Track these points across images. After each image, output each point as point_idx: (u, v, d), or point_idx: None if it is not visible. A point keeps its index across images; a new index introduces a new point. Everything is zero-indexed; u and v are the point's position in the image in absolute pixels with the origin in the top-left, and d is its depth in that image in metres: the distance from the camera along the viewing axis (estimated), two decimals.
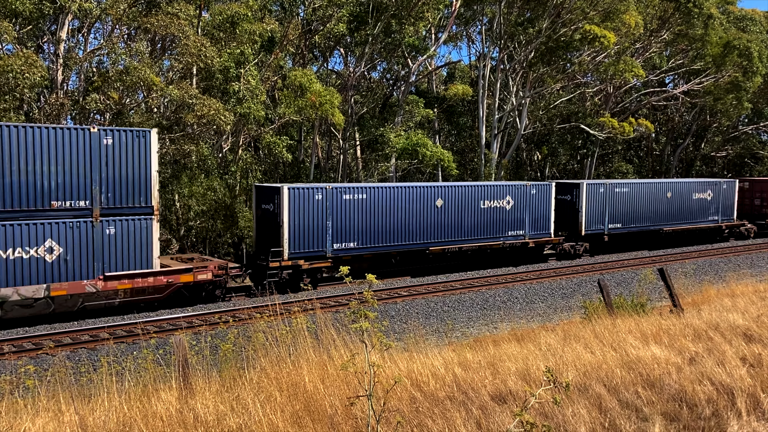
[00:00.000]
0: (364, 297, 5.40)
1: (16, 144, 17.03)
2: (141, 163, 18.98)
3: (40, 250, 17.41)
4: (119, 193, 18.74)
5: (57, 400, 6.45)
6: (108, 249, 18.51)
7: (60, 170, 17.69)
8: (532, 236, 29.13)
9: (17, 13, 24.92)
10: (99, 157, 18.29)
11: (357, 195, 24.11)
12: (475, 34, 44.13)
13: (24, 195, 17.24)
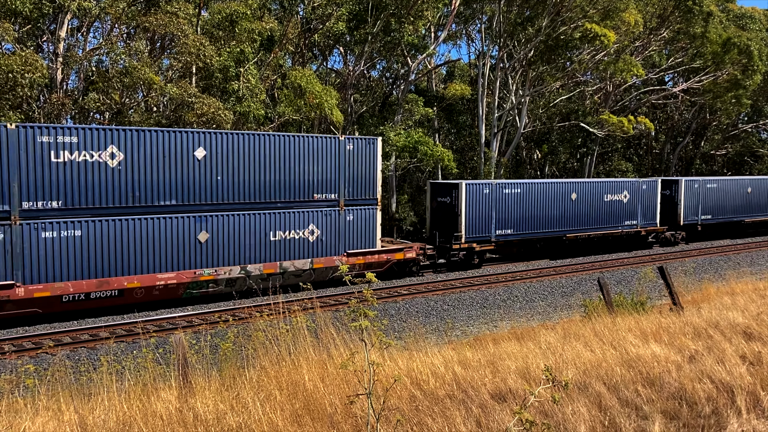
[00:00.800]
0: (364, 295, 5.40)
1: (291, 150, 21.87)
2: (370, 164, 23.82)
3: (305, 232, 22.38)
4: (356, 187, 23.53)
5: (57, 399, 6.45)
6: (348, 232, 23.47)
7: (319, 170, 22.54)
8: (642, 225, 33.71)
9: (17, 13, 24.91)
10: (344, 159, 23.12)
11: (514, 189, 28.74)
12: (475, 32, 44.14)
13: (296, 190, 22.09)
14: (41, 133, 17.43)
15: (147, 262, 19.24)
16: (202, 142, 20.06)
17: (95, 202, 18.37)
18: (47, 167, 17.55)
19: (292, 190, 21.93)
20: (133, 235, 18.98)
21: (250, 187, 21.07)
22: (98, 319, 18.57)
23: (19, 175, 17.23)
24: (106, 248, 18.57)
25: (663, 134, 54.66)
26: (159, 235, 19.44)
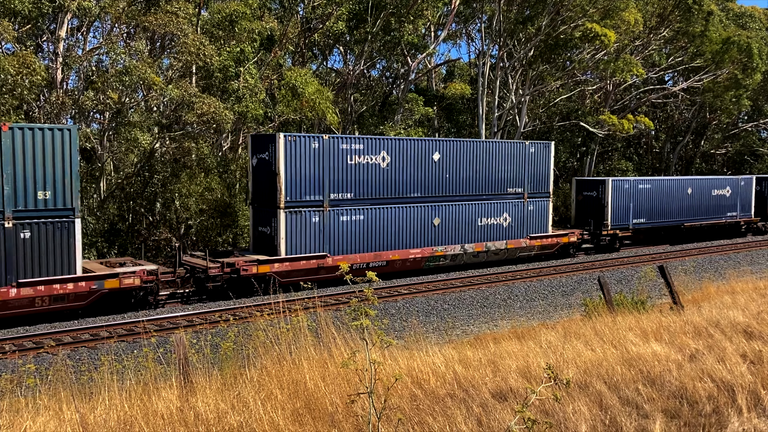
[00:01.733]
0: (365, 295, 5.40)
1: (493, 153, 27.53)
2: (545, 164, 29.45)
3: (501, 219, 28.04)
4: (533, 183, 29.03)
5: (58, 398, 6.46)
6: (529, 219, 28.98)
7: (511, 169, 28.12)
8: (740, 216, 39.43)
9: (16, 12, 24.89)
10: (527, 160, 28.73)
11: (646, 185, 34.27)
12: (475, 31, 44.11)
13: (496, 185, 27.77)
14: (342, 142, 23.31)
15: (402, 240, 25.00)
16: (437, 148, 25.82)
17: (372, 194, 24.08)
18: (345, 168, 23.22)
19: (493, 185, 27.67)
20: (395, 220, 24.74)
21: (466, 183, 26.75)
22: (98, 318, 18.57)
23: (329, 174, 22.89)
24: (379, 229, 24.33)
25: (663, 133, 54.64)
26: (409, 220, 25.15)
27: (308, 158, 22.39)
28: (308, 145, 22.37)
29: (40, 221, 17.44)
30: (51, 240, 17.61)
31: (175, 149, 28.05)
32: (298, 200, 22.32)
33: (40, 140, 17.31)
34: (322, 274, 22.73)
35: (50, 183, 17.45)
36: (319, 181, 22.60)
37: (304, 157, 22.34)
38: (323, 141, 22.63)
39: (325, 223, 22.88)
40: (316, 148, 22.45)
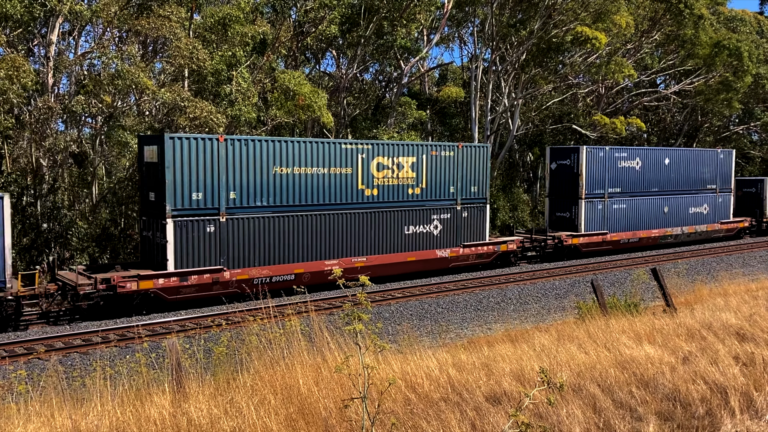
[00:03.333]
0: (358, 299, 5.39)
1: (689, 158, 35.69)
2: (729, 167, 38.34)
3: (702, 208, 36.02)
4: (721, 181, 37.45)
5: (50, 404, 6.41)
6: (721, 208, 37.67)
7: (707, 170, 36.67)
8: None
9: (7, 16, 24.79)
10: (717, 164, 37.21)
11: None
12: (467, 35, 44.22)
13: (699, 183, 35.98)
14: (615, 152, 32.49)
15: (641, 223, 33.37)
16: (668, 155, 34.80)
17: (629, 189, 32.84)
18: (616, 170, 32.30)
19: (698, 183, 35.85)
20: (647, 208, 33.50)
21: (683, 181, 35.17)
22: (90, 323, 18.48)
23: (608, 174, 32.04)
24: (636, 215, 33.13)
25: (655, 136, 54.87)
26: (648, 209, 33.58)
27: (597, 163, 31.60)
28: (598, 153, 31.81)
29: (471, 206, 26.93)
30: (475, 218, 27.09)
31: None
32: (593, 194, 31.60)
33: (472, 153, 27.13)
34: None
35: (476, 181, 27.08)
36: (602, 179, 31.82)
37: (596, 162, 31.48)
38: (606, 151, 32.15)
39: (606, 210, 32.01)
40: (601, 156, 31.82)
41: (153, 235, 20.34)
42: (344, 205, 23.13)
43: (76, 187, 29.44)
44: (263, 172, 21.20)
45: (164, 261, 19.61)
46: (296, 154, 21.97)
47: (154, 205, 20.28)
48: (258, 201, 21.12)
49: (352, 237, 23.39)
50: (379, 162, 24.05)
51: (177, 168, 19.61)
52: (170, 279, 19.40)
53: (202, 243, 20.12)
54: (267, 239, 21.36)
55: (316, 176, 22.41)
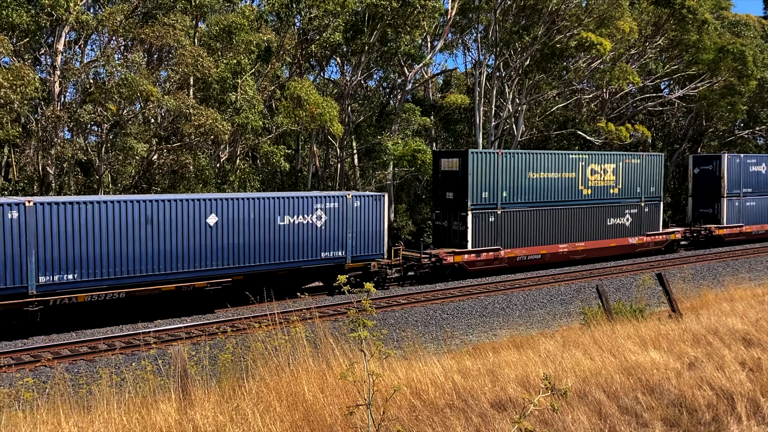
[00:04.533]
0: (363, 305, 5.41)
1: None
2: None
3: None
4: None
5: (56, 412, 6.44)
6: None
7: None
8: None
9: (14, 26, 24.97)
10: None
11: None
12: (471, 41, 44.28)
13: None
14: (747, 159, 38.05)
15: None
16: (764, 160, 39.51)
17: (759, 190, 38.51)
18: (748, 174, 37.76)
19: None
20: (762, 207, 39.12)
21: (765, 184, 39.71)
22: (96, 330, 18.52)
23: (738, 177, 37.55)
24: (764, 211, 38.94)
25: (660, 141, 54.77)
26: None
27: (734, 168, 36.47)
28: (735, 160, 36.83)
29: (650, 203, 33.03)
30: (653, 213, 33.36)
31: (173, 161, 28.07)
32: (732, 193, 37.28)
33: (651, 161, 33.17)
34: None
35: (654, 183, 33.10)
36: (738, 181, 37.15)
37: (733, 167, 36.74)
38: (740, 158, 37.18)
39: (741, 206, 37.78)
40: (737, 163, 36.83)
41: (449, 224, 27.57)
42: (569, 202, 30.00)
43: (81, 195, 29.56)
44: (522, 177, 28.26)
45: (463, 243, 26.89)
46: (541, 163, 28.92)
47: (452, 201, 27.56)
48: (519, 198, 28.29)
49: (574, 227, 30.18)
50: (592, 168, 30.77)
51: (474, 174, 26.84)
52: (471, 255, 26.75)
53: (486, 229, 27.46)
54: (524, 227, 28.51)
55: (552, 179, 29.25)
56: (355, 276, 23.32)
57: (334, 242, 23.05)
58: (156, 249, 19.22)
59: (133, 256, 18.84)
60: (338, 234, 23.11)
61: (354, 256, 23.50)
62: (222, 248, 20.54)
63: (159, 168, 29.17)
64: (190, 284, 19.76)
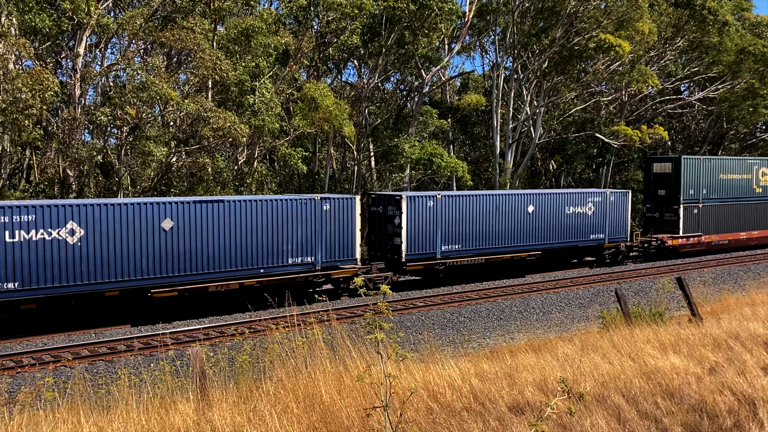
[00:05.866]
0: (379, 308, 5.41)
1: None
2: None
3: None
4: None
5: (76, 411, 6.50)
6: None
7: None
8: None
9: (36, 30, 25.31)
10: None
11: None
12: (489, 44, 44.20)
13: None
14: None
15: None
16: None
17: None
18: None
19: None
20: None
21: None
22: (116, 331, 18.69)
23: None
24: None
25: (680, 143, 54.26)
26: None
27: None
28: None
29: None
30: None
31: (191, 163, 28.27)
32: None
33: None
34: None
35: None
36: None
37: None
38: None
39: None
40: None
41: (660, 215, 34.54)
42: (746, 198, 36.63)
43: (101, 197, 29.89)
44: (716, 177, 35.18)
45: (675, 230, 33.75)
46: (728, 166, 35.84)
47: (663, 197, 34.45)
48: (713, 195, 34.96)
49: (749, 218, 36.65)
50: (763, 170, 37.54)
51: (684, 175, 33.75)
52: (682, 239, 33.73)
53: (692, 220, 34.20)
54: (717, 218, 35.11)
55: (735, 180, 35.92)
56: (609, 253, 31.23)
57: (598, 227, 30.19)
58: (499, 230, 26.79)
59: (489, 234, 26.63)
60: (601, 221, 30.21)
61: (610, 239, 30.75)
62: (535, 230, 27.84)
63: (177, 170, 29.39)
64: (518, 255, 27.42)
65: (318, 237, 22.35)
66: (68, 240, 17.86)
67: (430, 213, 24.88)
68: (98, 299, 18.84)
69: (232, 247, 20.59)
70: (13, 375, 14.81)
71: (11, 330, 17.97)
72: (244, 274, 20.89)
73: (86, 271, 18.22)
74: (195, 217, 19.92)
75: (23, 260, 17.24)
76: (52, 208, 17.67)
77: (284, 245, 21.63)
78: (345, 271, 22.87)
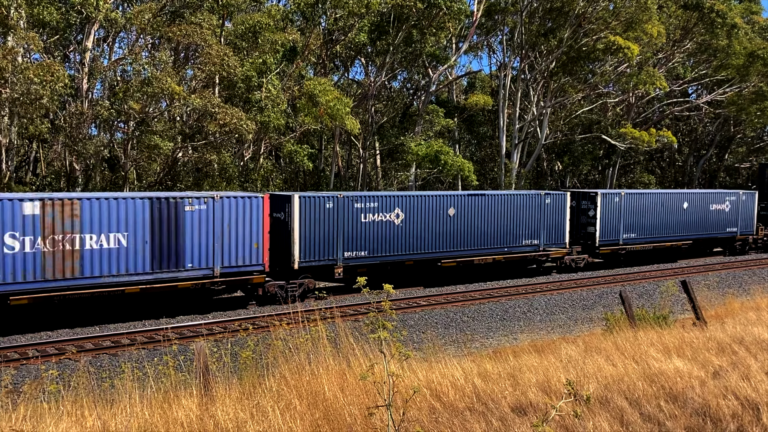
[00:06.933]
0: (382, 307, 5.40)
1: None
2: None
3: None
4: None
5: (80, 404, 6.52)
6: None
7: None
8: None
9: (45, 23, 25.38)
10: None
11: None
12: (496, 43, 44.12)
13: None
14: None
15: None
16: None
17: None
18: None
19: None
20: None
21: None
22: (120, 325, 18.74)
23: None
24: None
25: (686, 146, 54.10)
26: None
27: None
28: None
29: None
30: None
31: (198, 158, 28.33)
32: None
33: None
34: None
35: None
36: None
37: None
38: None
39: None
40: None
41: None
42: None
43: (107, 190, 29.98)
44: None
45: None
46: None
47: None
48: None
49: None
50: None
51: None
52: None
53: None
54: None
55: None
56: (738, 244, 35.65)
57: (732, 222, 34.82)
58: (663, 223, 31.85)
59: (656, 226, 31.70)
60: (734, 217, 34.77)
61: (741, 231, 35.47)
62: (688, 224, 32.81)
63: (183, 165, 29.45)
64: (675, 243, 32.56)
65: (541, 224, 27.70)
66: (395, 222, 23.61)
67: (615, 207, 30.02)
68: (400, 267, 24.30)
69: (490, 231, 26.17)
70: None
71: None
72: (496, 252, 26.55)
73: (404, 245, 23.88)
74: (468, 207, 25.53)
75: (370, 235, 22.93)
76: (387, 198, 23.77)
77: (520, 230, 27.02)
78: (558, 252, 28.43)
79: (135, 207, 18.18)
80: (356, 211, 22.69)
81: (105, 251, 17.73)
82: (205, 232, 19.40)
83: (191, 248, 19.15)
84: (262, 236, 20.49)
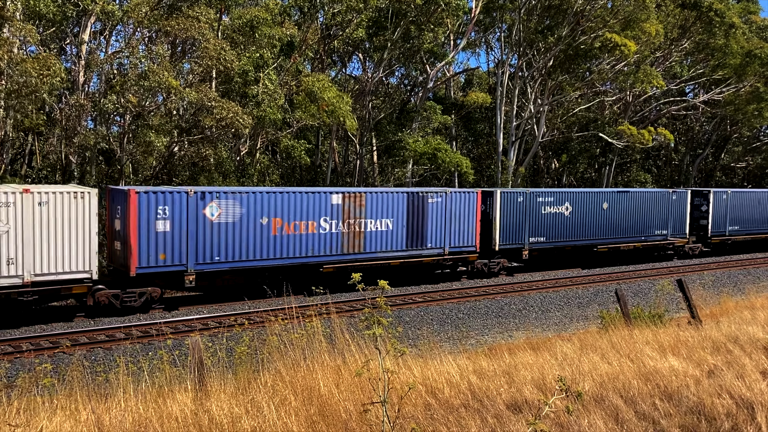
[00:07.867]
0: (377, 303, 5.39)
1: None
2: None
3: None
4: None
5: (74, 398, 6.50)
6: None
7: None
8: None
9: (41, 16, 25.24)
10: None
11: None
12: (494, 40, 44.08)
13: None
14: None
15: None
16: None
17: None
18: None
19: None
20: None
21: None
22: (114, 319, 18.71)
23: None
24: None
25: (683, 146, 54.18)
26: None
27: None
28: None
29: None
30: None
31: (194, 153, 28.23)
32: None
33: None
34: None
35: None
36: None
37: None
38: None
39: None
40: None
41: None
42: None
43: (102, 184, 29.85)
44: None
45: None
46: None
47: None
48: None
49: None
50: None
51: None
52: None
53: None
54: None
55: None
56: None
57: None
58: (756, 217, 37.29)
59: (751, 220, 37.56)
60: None
61: None
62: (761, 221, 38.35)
63: (180, 159, 29.35)
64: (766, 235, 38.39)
65: (669, 217, 32.82)
66: (565, 213, 28.48)
67: (723, 203, 35.40)
68: (563, 252, 29.62)
69: (632, 222, 31.18)
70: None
71: None
72: (636, 240, 31.72)
73: (571, 233, 28.96)
74: (617, 202, 30.43)
75: (548, 224, 28.08)
76: (560, 194, 28.84)
77: (654, 221, 32.18)
78: (680, 241, 33.79)
79: (398, 199, 23.53)
80: (538, 204, 27.62)
81: (380, 233, 23.13)
82: (441, 219, 24.69)
83: (431, 231, 24.51)
84: (475, 223, 25.77)
